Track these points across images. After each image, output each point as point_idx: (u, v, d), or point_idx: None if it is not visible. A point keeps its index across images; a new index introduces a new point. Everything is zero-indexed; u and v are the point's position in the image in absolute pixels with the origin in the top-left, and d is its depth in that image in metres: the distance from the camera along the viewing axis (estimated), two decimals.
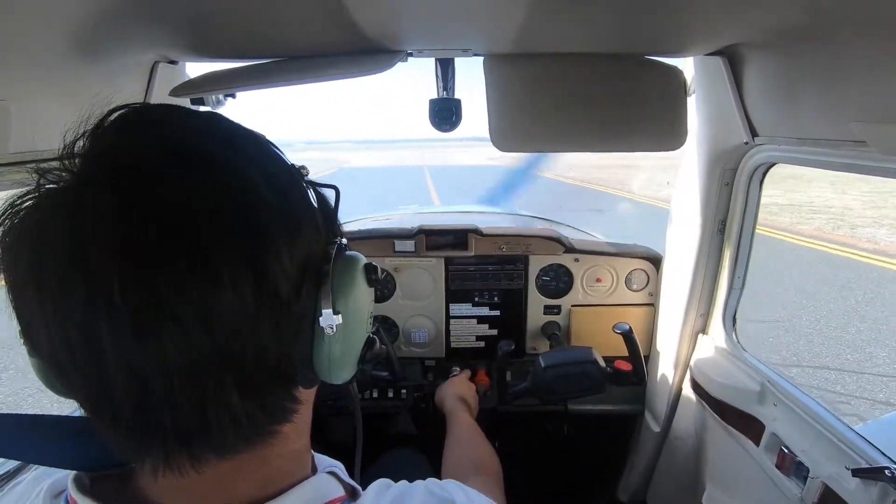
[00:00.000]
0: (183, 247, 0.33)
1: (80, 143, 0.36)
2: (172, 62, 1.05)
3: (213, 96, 1.15)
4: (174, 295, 0.33)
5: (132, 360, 0.33)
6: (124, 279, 0.32)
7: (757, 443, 1.22)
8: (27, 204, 0.35)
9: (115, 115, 0.38)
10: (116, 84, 0.95)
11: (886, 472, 0.87)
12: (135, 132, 0.38)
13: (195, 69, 1.13)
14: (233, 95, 1.17)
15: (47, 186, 0.35)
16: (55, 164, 0.36)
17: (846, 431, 1.00)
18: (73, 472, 0.43)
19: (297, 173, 0.43)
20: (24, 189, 0.35)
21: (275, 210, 0.37)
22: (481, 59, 1.09)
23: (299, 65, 1.01)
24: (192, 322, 0.33)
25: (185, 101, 1.08)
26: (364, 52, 1.00)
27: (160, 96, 1.03)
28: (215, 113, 0.43)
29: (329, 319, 0.40)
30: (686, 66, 1.17)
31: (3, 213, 0.35)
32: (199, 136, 0.38)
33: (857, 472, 0.92)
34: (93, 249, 0.32)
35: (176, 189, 0.34)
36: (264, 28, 0.86)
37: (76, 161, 0.36)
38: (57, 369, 0.36)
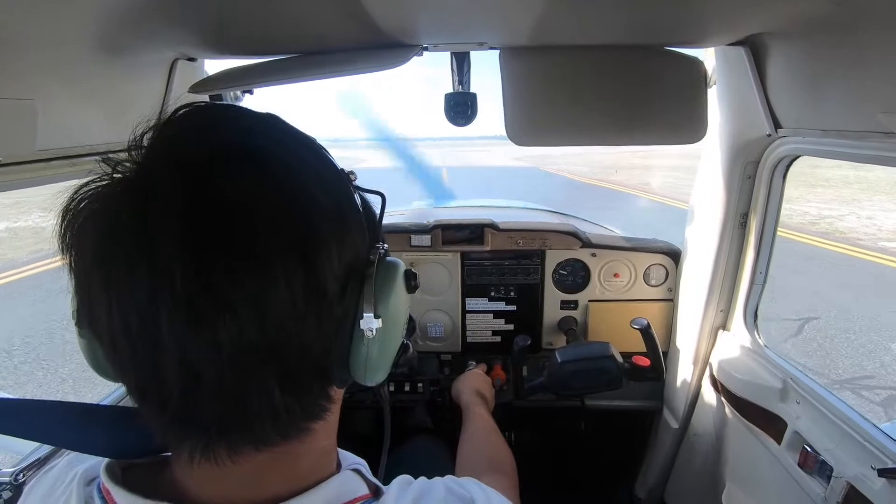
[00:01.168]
0: (240, 240, 0.35)
1: (148, 135, 0.38)
2: (191, 59, 1.07)
3: (232, 92, 1.16)
4: (230, 286, 0.35)
5: (187, 348, 0.35)
6: (186, 269, 0.34)
7: (779, 441, 1.20)
8: (97, 190, 0.37)
9: (182, 111, 0.40)
10: (137, 81, 0.97)
11: None
12: (200, 129, 0.40)
13: (213, 66, 1.15)
14: (250, 91, 1.19)
15: (115, 176, 0.37)
16: (123, 155, 0.38)
17: (872, 430, 0.98)
18: (106, 460, 0.44)
19: (345, 177, 0.44)
20: (94, 175, 0.37)
21: (327, 211, 0.39)
22: (497, 52, 1.08)
23: (316, 60, 1.02)
24: (245, 313, 0.35)
25: (203, 98, 1.09)
26: (380, 46, 1.00)
27: (179, 93, 1.05)
28: (273, 114, 0.44)
29: (370, 322, 0.41)
30: (707, 56, 1.14)
31: (72, 199, 0.37)
32: (259, 137, 0.40)
33: (883, 472, 0.90)
34: (159, 239, 0.34)
35: (237, 186, 0.36)
36: (281, 25, 0.87)
37: (141, 153, 0.38)
38: (113, 351, 0.38)
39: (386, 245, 0.46)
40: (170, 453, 0.44)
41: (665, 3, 0.79)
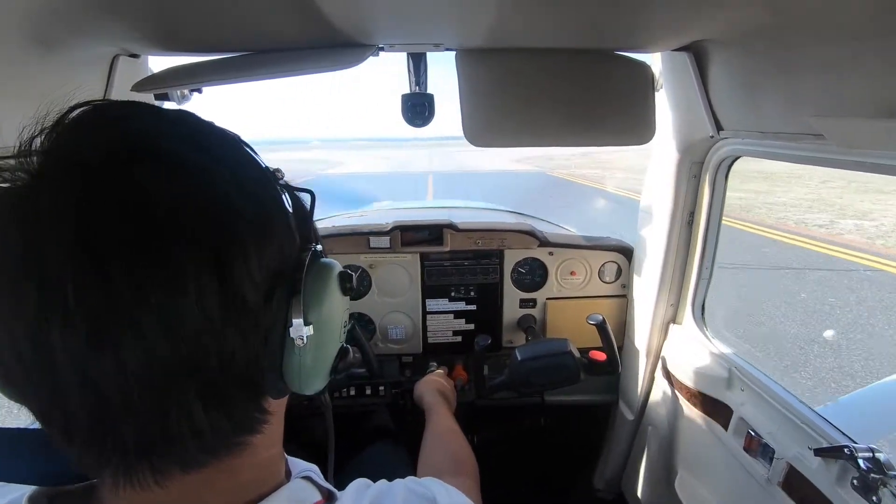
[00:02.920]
0: (144, 250, 0.32)
1: (38, 140, 0.34)
2: (134, 56, 1.02)
3: (179, 91, 1.11)
4: (134, 301, 0.31)
5: (87, 370, 0.32)
6: (80, 284, 0.31)
7: (726, 427, 1.26)
8: None
9: (76, 111, 0.36)
10: (74, 79, 0.91)
11: (846, 450, 0.91)
12: (96, 130, 0.36)
13: (158, 63, 1.10)
14: (199, 90, 1.14)
15: (1, 185, 0.33)
16: (11, 162, 0.34)
17: (808, 413, 1.05)
18: (30, 490, 0.41)
19: (271, 176, 0.42)
20: None
21: (244, 213, 0.36)
22: (454, 54, 1.08)
23: (268, 59, 0.99)
24: (152, 329, 0.32)
25: (147, 97, 1.04)
26: (334, 45, 0.99)
27: (122, 91, 0.99)
28: (184, 111, 0.41)
29: (299, 330, 0.39)
30: (654, 61, 1.19)
31: None
32: (165, 136, 0.37)
33: (818, 452, 0.97)
34: (47, 252, 0.31)
35: (138, 190, 0.33)
36: (231, 20, 0.84)
37: (33, 159, 0.34)
38: (6, 379, 0.34)
39: (319, 246, 0.44)
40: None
41: (614, 9, 0.81)
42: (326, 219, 2.17)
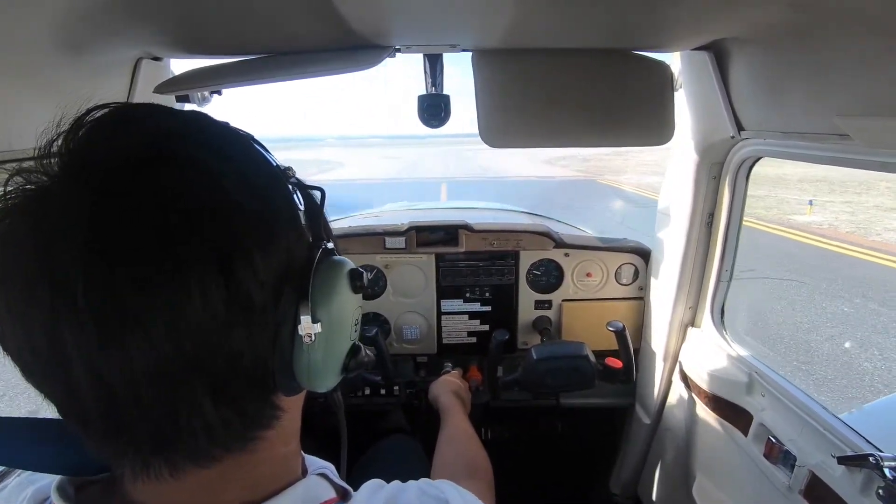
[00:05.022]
0: (149, 251, 0.32)
1: (58, 142, 0.35)
2: (156, 59, 1.04)
3: (199, 93, 1.13)
4: (139, 301, 0.32)
5: (97, 366, 0.33)
6: (89, 283, 0.31)
7: (745, 433, 1.24)
8: (4, 203, 0.34)
9: (93, 114, 0.37)
10: (99, 81, 0.93)
11: (871, 459, 0.88)
12: (110, 132, 0.36)
13: (180, 66, 1.12)
14: (219, 92, 1.16)
15: (24, 187, 0.34)
16: (33, 164, 0.35)
17: (832, 420, 1.02)
18: (57, 478, 0.42)
19: (281, 175, 0.42)
20: (1, 190, 0.35)
21: (250, 213, 0.36)
22: (470, 54, 1.08)
23: (286, 61, 1.00)
24: (158, 329, 0.32)
25: (169, 99, 1.06)
26: (351, 47, 0.99)
27: (144, 93, 1.02)
28: (198, 112, 0.42)
29: (307, 328, 0.39)
30: (673, 61, 1.17)
31: None
32: (174, 137, 0.37)
33: (842, 460, 0.94)
34: (58, 251, 0.32)
35: (144, 191, 0.33)
36: (250, 24, 0.85)
37: (52, 161, 0.35)
38: (24, 371, 0.36)
39: (330, 244, 0.44)
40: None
41: (633, 9, 0.80)
42: (342, 219, 2.18)
